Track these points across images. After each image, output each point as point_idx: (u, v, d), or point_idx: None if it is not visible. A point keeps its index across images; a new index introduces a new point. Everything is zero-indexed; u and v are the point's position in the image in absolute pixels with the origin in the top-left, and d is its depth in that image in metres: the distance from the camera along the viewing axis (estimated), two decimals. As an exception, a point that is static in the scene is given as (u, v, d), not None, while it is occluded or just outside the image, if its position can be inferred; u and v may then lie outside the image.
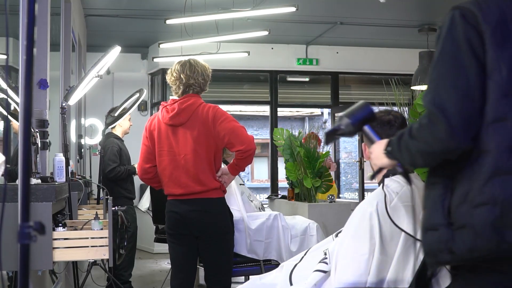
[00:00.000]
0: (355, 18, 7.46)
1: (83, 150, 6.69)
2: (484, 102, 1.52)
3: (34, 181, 2.88)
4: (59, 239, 2.74)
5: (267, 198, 6.83)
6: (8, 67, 2.92)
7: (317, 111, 13.69)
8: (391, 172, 1.79)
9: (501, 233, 1.46)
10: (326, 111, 9.82)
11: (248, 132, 3.38)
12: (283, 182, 8.82)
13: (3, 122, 3.41)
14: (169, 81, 3.47)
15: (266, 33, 6.43)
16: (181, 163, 3.33)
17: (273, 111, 9.21)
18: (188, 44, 7.07)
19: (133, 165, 5.62)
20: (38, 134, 3.31)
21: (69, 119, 5.49)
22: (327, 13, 7.38)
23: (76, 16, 5.90)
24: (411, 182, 1.86)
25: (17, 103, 3.15)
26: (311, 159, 5.45)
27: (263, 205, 4.97)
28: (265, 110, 10.83)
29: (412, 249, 2.12)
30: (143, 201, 5.32)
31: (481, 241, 1.48)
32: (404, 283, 2.10)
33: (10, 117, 3.16)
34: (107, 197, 3.60)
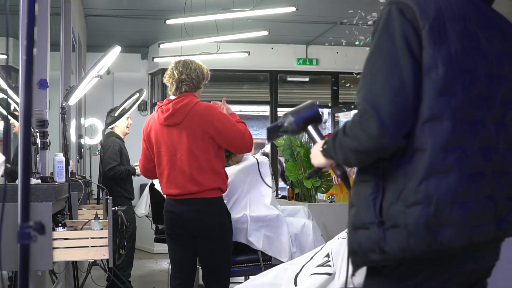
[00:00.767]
0: (355, 18, 7.46)
1: (83, 150, 6.69)
2: (419, 99, 1.49)
3: (34, 181, 2.88)
4: (59, 239, 2.74)
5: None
6: (8, 67, 2.92)
7: (317, 111, 13.67)
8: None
9: (434, 233, 1.44)
10: (326, 111, 9.82)
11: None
12: (283, 182, 8.84)
13: (3, 122, 3.41)
14: (164, 80, 3.48)
15: (266, 33, 6.43)
16: (177, 163, 3.32)
17: (273, 111, 9.22)
18: (188, 44, 7.07)
19: (133, 166, 5.62)
20: (38, 134, 3.31)
21: (69, 119, 5.50)
22: (327, 13, 7.38)
23: (76, 16, 5.90)
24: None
25: (17, 103, 3.15)
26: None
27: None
28: (265, 110, 10.83)
29: None
30: (139, 207, 5.32)
31: (413, 240, 1.46)
32: None
33: (10, 117, 3.16)
34: (107, 197, 3.60)
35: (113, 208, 4.12)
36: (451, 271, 1.54)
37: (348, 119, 2.58)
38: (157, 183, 4.27)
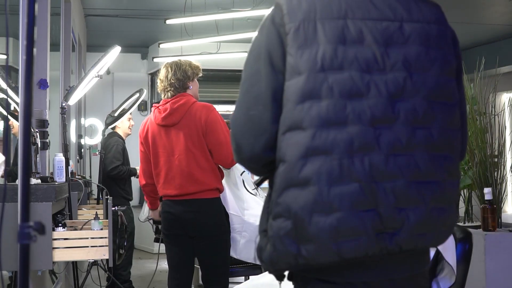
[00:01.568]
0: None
1: (83, 150, 6.69)
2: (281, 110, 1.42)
3: (34, 181, 2.88)
4: (59, 239, 2.74)
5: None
6: (8, 67, 2.92)
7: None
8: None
9: (297, 247, 1.37)
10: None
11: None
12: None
13: (3, 122, 3.41)
14: (159, 91, 3.51)
15: (266, 33, 6.42)
16: (175, 163, 3.32)
17: (273, 111, 9.21)
18: (188, 44, 7.07)
19: (134, 167, 5.63)
20: (38, 134, 3.31)
21: (69, 119, 5.49)
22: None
23: (76, 16, 5.90)
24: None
25: (17, 103, 3.15)
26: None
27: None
28: (265, 110, 10.83)
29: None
30: (143, 213, 5.34)
31: (276, 254, 1.40)
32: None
33: (10, 117, 3.16)
34: (107, 197, 3.60)
35: (113, 208, 4.11)
36: (343, 280, 1.44)
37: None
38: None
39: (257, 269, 3.92)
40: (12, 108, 3.19)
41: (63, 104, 3.62)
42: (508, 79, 7.29)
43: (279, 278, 1.52)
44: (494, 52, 6.64)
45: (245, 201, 3.91)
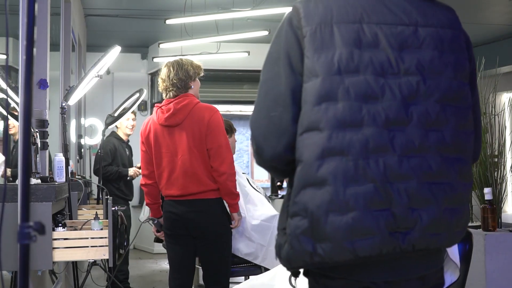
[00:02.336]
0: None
1: (83, 150, 6.69)
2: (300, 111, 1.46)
3: (34, 181, 2.88)
4: (59, 239, 2.74)
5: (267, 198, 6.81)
6: (8, 67, 2.92)
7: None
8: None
9: (312, 245, 1.41)
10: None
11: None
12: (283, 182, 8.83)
13: (3, 122, 3.41)
14: (160, 90, 3.50)
15: (266, 33, 6.43)
16: (178, 163, 3.32)
17: (273, 111, 9.21)
18: (188, 44, 7.07)
19: (126, 169, 5.63)
20: (38, 134, 3.31)
21: (69, 119, 5.49)
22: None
23: (76, 16, 5.90)
24: None
25: (17, 103, 3.15)
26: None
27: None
28: (265, 110, 10.82)
29: None
30: (143, 213, 5.35)
31: (293, 252, 1.44)
32: None
33: (10, 117, 3.16)
34: (107, 197, 3.60)
35: (113, 208, 4.11)
36: (359, 279, 1.48)
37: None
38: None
39: (257, 269, 3.92)
40: (12, 108, 3.19)
41: (63, 104, 3.62)
42: (508, 79, 7.28)
43: (294, 275, 1.56)
44: (494, 52, 6.63)
45: (250, 198, 3.94)
